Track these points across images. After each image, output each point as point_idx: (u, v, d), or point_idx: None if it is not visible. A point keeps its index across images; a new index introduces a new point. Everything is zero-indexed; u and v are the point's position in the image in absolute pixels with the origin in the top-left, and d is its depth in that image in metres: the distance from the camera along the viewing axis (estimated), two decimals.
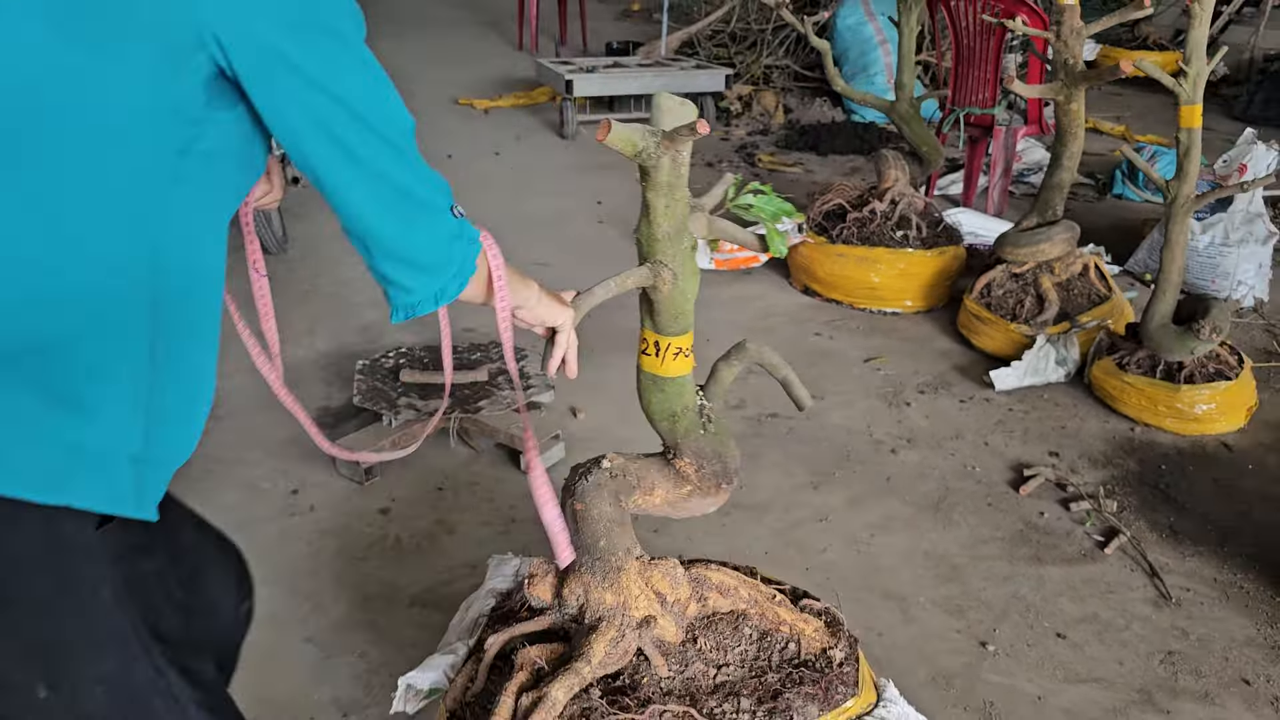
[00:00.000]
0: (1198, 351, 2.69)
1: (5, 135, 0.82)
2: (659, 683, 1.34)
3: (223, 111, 0.89)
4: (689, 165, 1.29)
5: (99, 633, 0.94)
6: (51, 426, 0.88)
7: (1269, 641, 2.06)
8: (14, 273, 0.84)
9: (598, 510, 1.40)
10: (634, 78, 5.78)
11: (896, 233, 3.56)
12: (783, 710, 1.30)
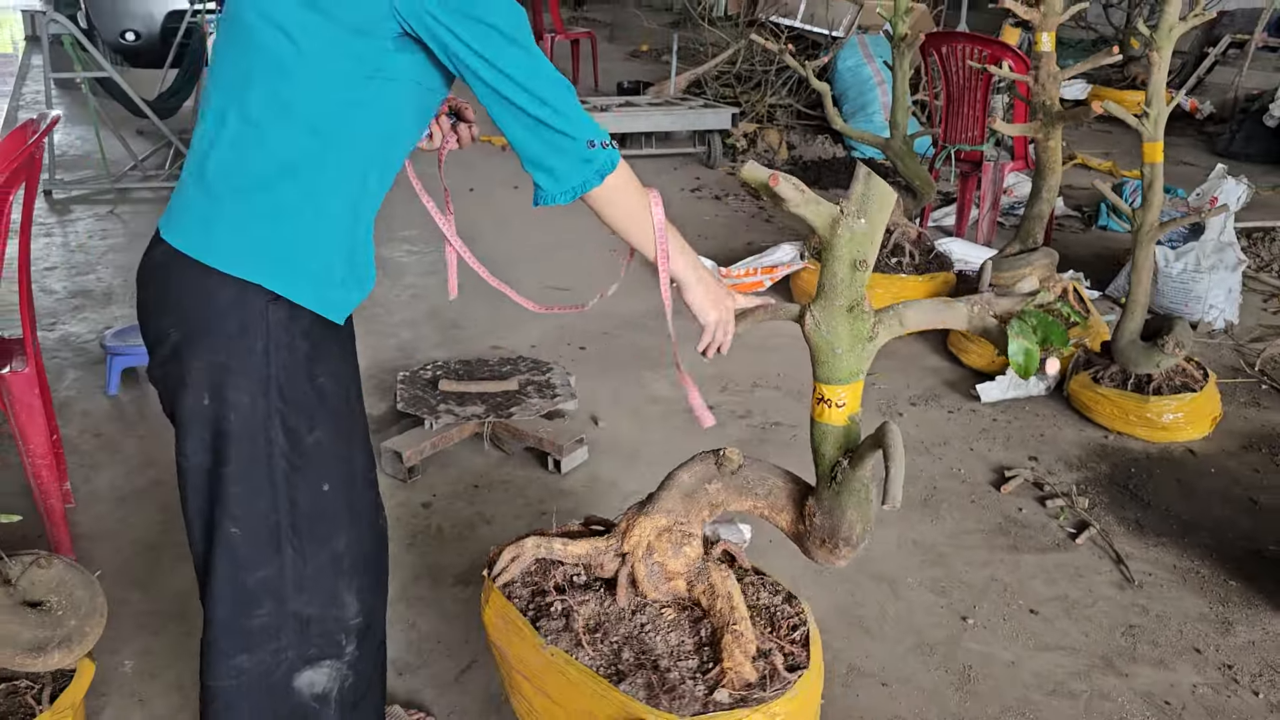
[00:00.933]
0: (1163, 365, 2.97)
1: (277, 61, 1.29)
2: (606, 609, 1.63)
3: (404, 55, 1.31)
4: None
5: (249, 370, 1.36)
6: (295, 241, 1.36)
7: (1220, 617, 2.31)
8: (282, 137, 1.32)
9: (679, 476, 1.68)
10: (645, 116, 6.10)
11: (891, 259, 3.84)
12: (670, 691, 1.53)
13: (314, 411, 1.42)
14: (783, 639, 1.61)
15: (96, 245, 4.67)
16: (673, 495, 1.74)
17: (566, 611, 1.62)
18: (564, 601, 1.63)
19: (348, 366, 1.55)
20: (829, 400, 1.55)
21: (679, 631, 1.61)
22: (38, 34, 11.23)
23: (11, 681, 1.78)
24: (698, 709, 1.46)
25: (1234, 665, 2.16)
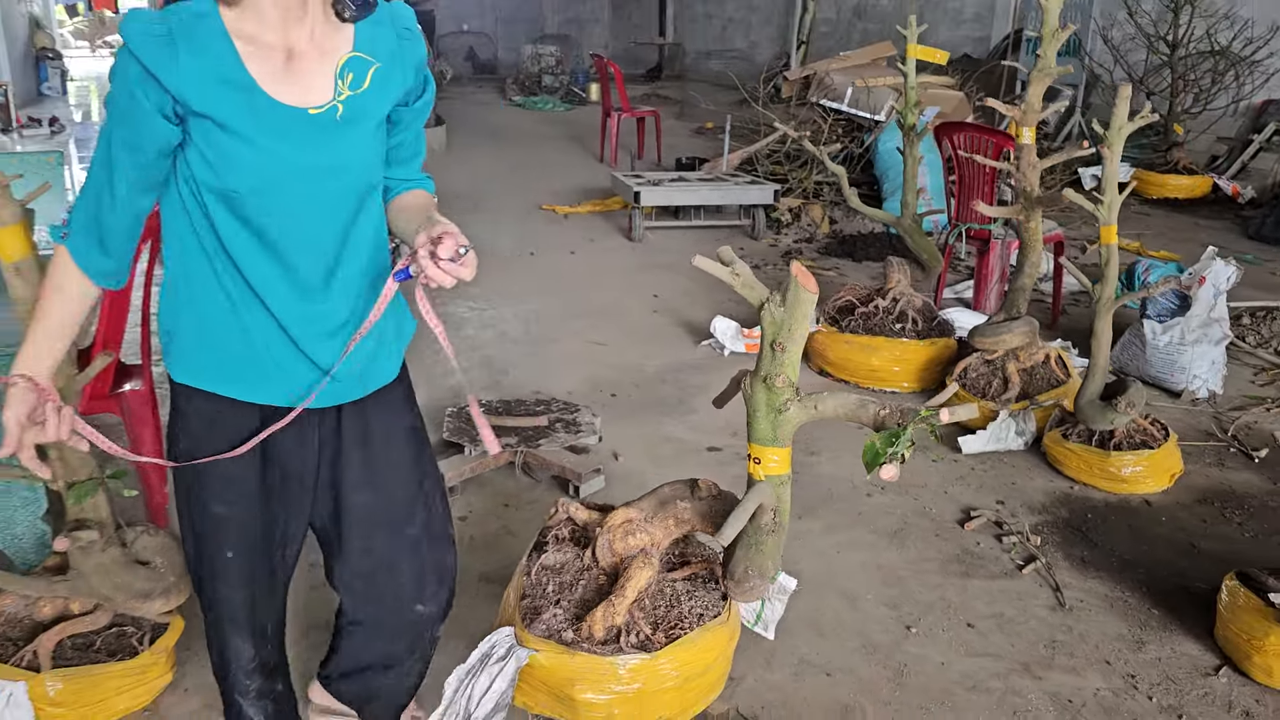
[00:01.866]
0: (1116, 423, 3.31)
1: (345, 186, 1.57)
2: (573, 559, 2.13)
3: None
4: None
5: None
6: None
7: (1135, 638, 2.65)
8: (355, 242, 1.60)
9: (662, 489, 2.15)
10: (693, 190, 6.62)
11: (896, 325, 4.24)
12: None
13: None
14: (655, 633, 2.01)
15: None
16: (650, 499, 2.18)
17: (557, 548, 2.09)
18: (558, 545, 2.09)
19: None
20: (751, 455, 1.98)
21: (593, 590, 2.05)
22: None
23: (120, 627, 2.28)
24: (541, 632, 1.98)
25: (1137, 675, 2.50)
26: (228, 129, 1.43)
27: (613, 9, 19.30)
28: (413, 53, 1.59)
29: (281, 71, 1.47)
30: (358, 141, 1.54)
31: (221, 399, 1.62)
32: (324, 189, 1.53)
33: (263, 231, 1.50)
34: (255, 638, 1.83)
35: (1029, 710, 2.37)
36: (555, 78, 14.31)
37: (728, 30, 18.00)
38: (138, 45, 1.37)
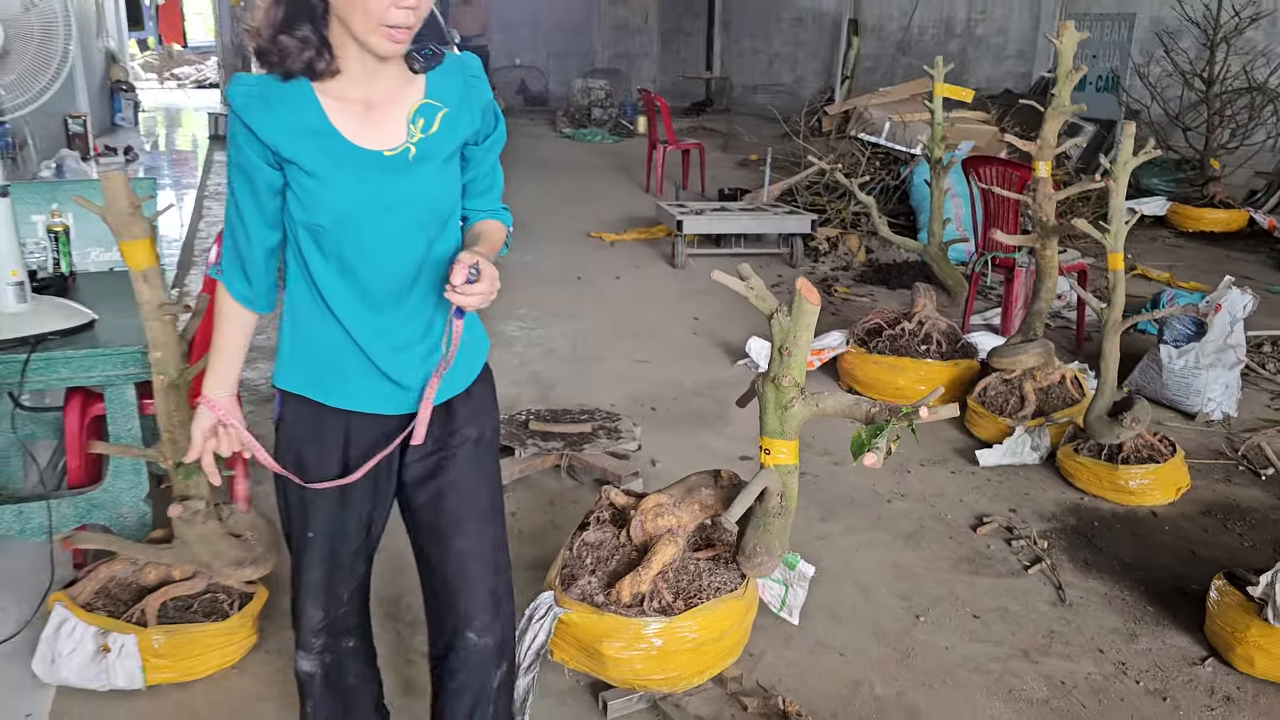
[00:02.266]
0: (1122, 437, 3.53)
1: (421, 215, 1.73)
2: (611, 536, 2.40)
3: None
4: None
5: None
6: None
7: (1129, 631, 2.86)
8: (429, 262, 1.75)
9: (690, 478, 2.43)
10: (734, 219, 6.92)
11: (921, 347, 4.48)
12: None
13: None
14: (676, 600, 2.28)
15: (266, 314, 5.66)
16: (679, 487, 2.46)
17: (598, 528, 2.37)
18: (599, 525, 2.37)
19: None
20: (762, 447, 2.25)
21: (625, 564, 2.33)
22: (220, 133, 12.87)
23: (214, 594, 2.59)
24: (576, 596, 2.28)
25: (1127, 663, 2.71)
26: (311, 172, 1.64)
27: (662, 44, 19.74)
28: (479, 97, 1.77)
29: (360, 120, 1.67)
30: (427, 179, 1.71)
31: (313, 403, 1.81)
32: (397, 221, 1.69)
33: (342, 258, 1.69)
34: (326, 605, 1.97)
35: (1023, 689, 2.60)
36: (604, 110, 14.72)
37: (774, 65, 18.36)
38: (239, 106, 1.62)
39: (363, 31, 1.58)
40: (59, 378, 2.62)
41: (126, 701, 2.43)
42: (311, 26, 1.60)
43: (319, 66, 1.61)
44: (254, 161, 1.65)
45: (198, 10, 28.61)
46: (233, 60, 16.74)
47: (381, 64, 1.66)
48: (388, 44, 1.59)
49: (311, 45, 1.60)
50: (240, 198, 1.69)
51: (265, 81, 1.64)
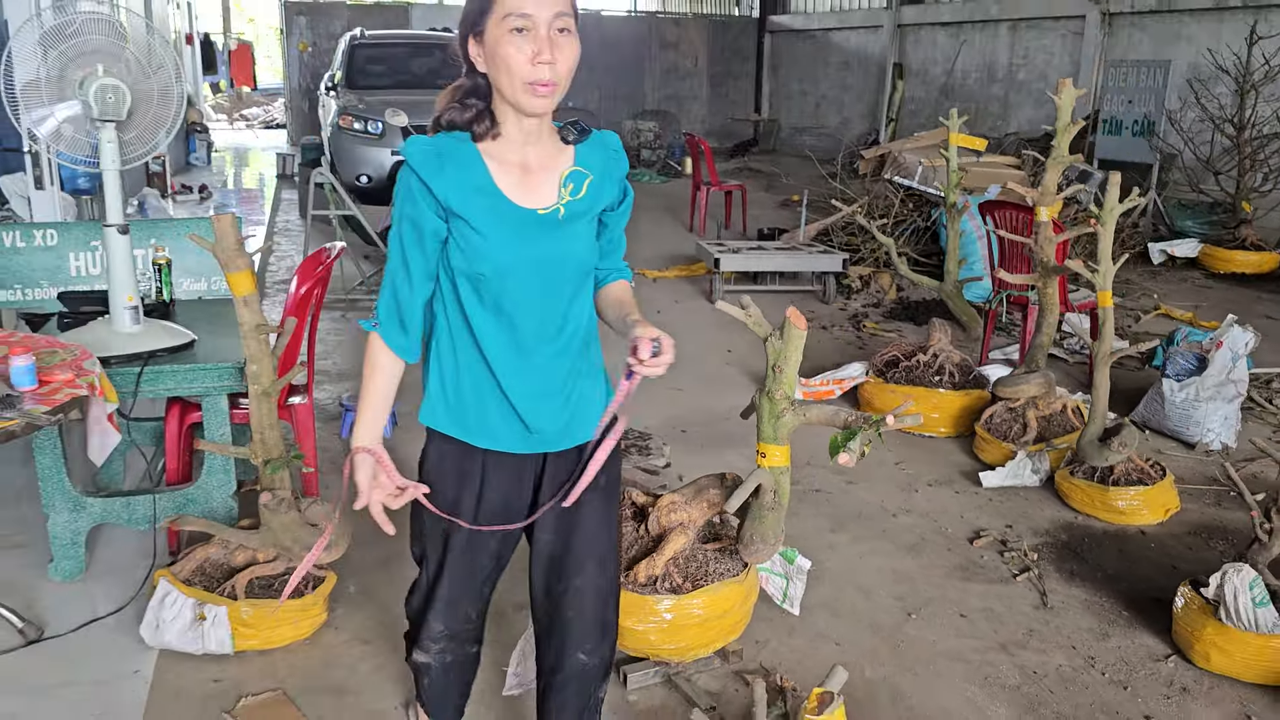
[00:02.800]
0: (1111, 460, 3.83)
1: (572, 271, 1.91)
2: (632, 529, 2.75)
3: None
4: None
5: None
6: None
7: (1102, 631, 3.16)
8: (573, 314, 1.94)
9: (700, 479, 2.79)
10: (769, 258, 7.30)
11: (935, 378, 4.81)
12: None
13: None
14: (684, 582, 2.64)
15: (332, 339, 6.15)
16: (690, 488, 2.83)
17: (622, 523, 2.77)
18: (622, 519, 2.76)
19: None
20: (759, 450, 2.61)
21: (642, 552, 2.72)
22: (287, 173, 13.56)
23: (290, 576, 3.00)
24: None
25: (1096, 658, 3.02)
26: (476, 227, 1.81)
27: (711, 86, 20.26)
28: (618, 169, 1.96)
29: (519, 182, 1.84)
30: (575, 236, 1.89)
31: (456, 441, 1.97)
32: (548, 273, 1.86)
33: (499, 305, 1.85)
34: (450, 621, 2.16)
35: (998, 676, 2.91)
36: (653, 151, 15.22)
37: (821, 107, 18.79)
38: (416, 163, 1.79)
39: (512, 92, 1.76)
40: (165, 388, 3.07)
41: (217, 664, 2.84)
42: (477, 98, 1.84)
43: (479, 129, 1.82)
44: (425, 214, 1.81)
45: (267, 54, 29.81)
46: (299, 102, 17.58)
47: (536, 130, 1.84)
48: (535, 100, 1.76)
49: (473, 109, 1.83)
50: (408, 249, 1.85)
51: (438, 142, 1.82)
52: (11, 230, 4.00)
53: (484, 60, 1.78)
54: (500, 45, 1.73)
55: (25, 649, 2.88)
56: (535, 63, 1.72)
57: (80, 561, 3.22)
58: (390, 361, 1.93)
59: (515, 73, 1.73)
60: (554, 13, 1.72)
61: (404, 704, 2.68)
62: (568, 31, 1.75)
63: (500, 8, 1.72)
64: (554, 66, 1.74)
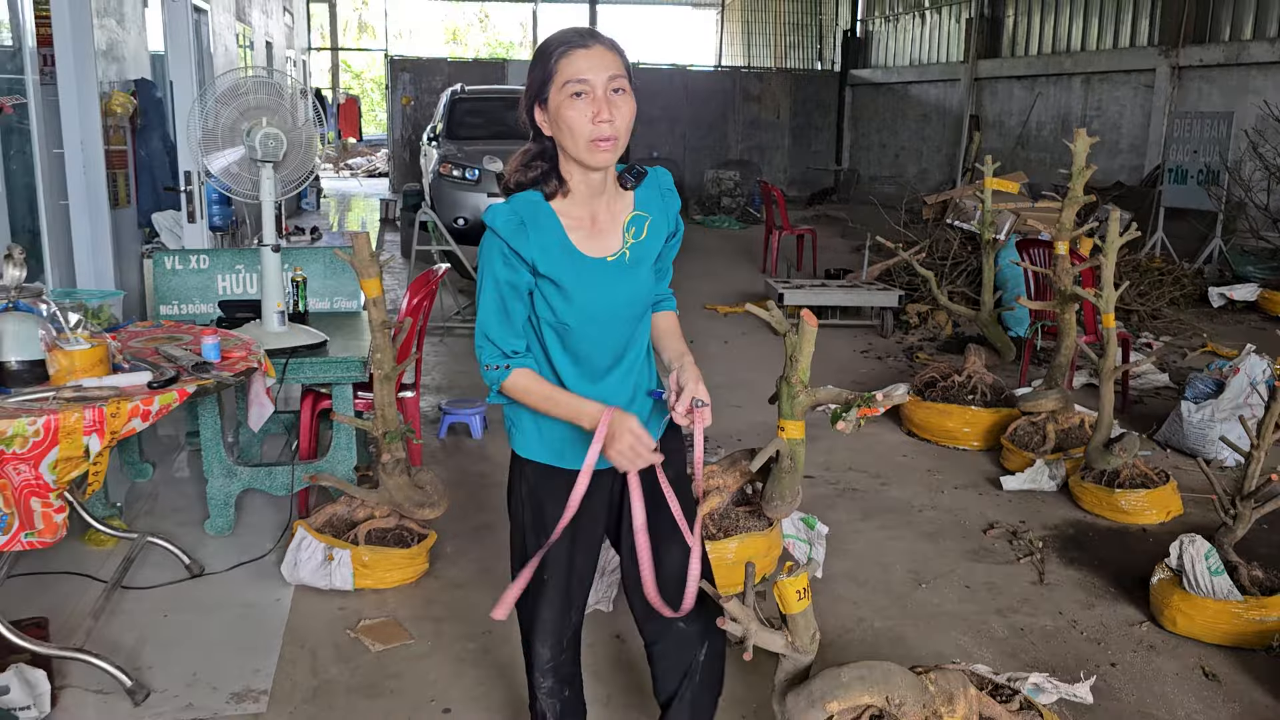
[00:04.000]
0: (1112, 464, 4.29)
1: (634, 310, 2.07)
2: None
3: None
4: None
5: None
6: None
7: (1089, 603, 3.64)
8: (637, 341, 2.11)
9: (735, 453, 3.38)
10: (830, 294, 7.88)
11: (968, 397, 5.32)
12: None
13: None
14: (718, 534, 3.21)
15: (431, 360, 6.90)
16: (726, 459, 3.42)
17: None
18: None
19: None
20: (779, 425, 3.19)
21: None
22: (388, 217, 14.57)
23: (401, 529, 3.66)
24: None
25: (1079, 621, 3.50)
26: (560, 285, 1.96)
27: (793, 137, 20.92)
28: (672, 205, 2.10)
29: (589, 235, 1.99)
30: (640, 277, 2.04)
31: (544, 466, 2.11)
32: (618, 313, 2.02)
33: (577, 347, 2.03)
34: (553, 647, 2.26)
35: (988, 631, 3.42)
36: (732, 199, 15.91)
37: (900, 158, 19.30)
38: (506, 233, 1.93)
39: (576, 150, 1.90)
40: (305, 376, 3.78)
41: (340, 597, 3.50)
42: (543, 160, 1.98)
43: (548, 189, 1.97)
44: (519, 275, 1.95)
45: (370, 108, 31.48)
46: (401, 152, 18.73)
47: (600, 183, 1.99)
48: (598, 155, 1.90)
49: (539, 169, 1.98)
50: (509, 303, 1.98)
51: (517, 208, 1.96)
52: (172, 256, 4.80)
53: (549, 125, 1.94)
54: (563, 109, 1.88)
55: (191, 580, 3.59)
56: (596, 122, 1.87)
57: (230, 520, 3.94)
58: (535, 375, 2.03)
59: (578, 133, 1.88)
60: (608, 75, 1.89)
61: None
62: (622, 91, 1.91)
63: (560, 76, 1.89)
64: (613, 123, 1.88)
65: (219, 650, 3.16)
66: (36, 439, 2.49)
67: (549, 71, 1.91)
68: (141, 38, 7.27)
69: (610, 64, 1.90)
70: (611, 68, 1.90)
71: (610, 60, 1.90)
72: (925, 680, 2.12)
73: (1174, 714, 2.97)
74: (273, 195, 3.76)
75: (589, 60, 1.89)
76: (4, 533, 2.54)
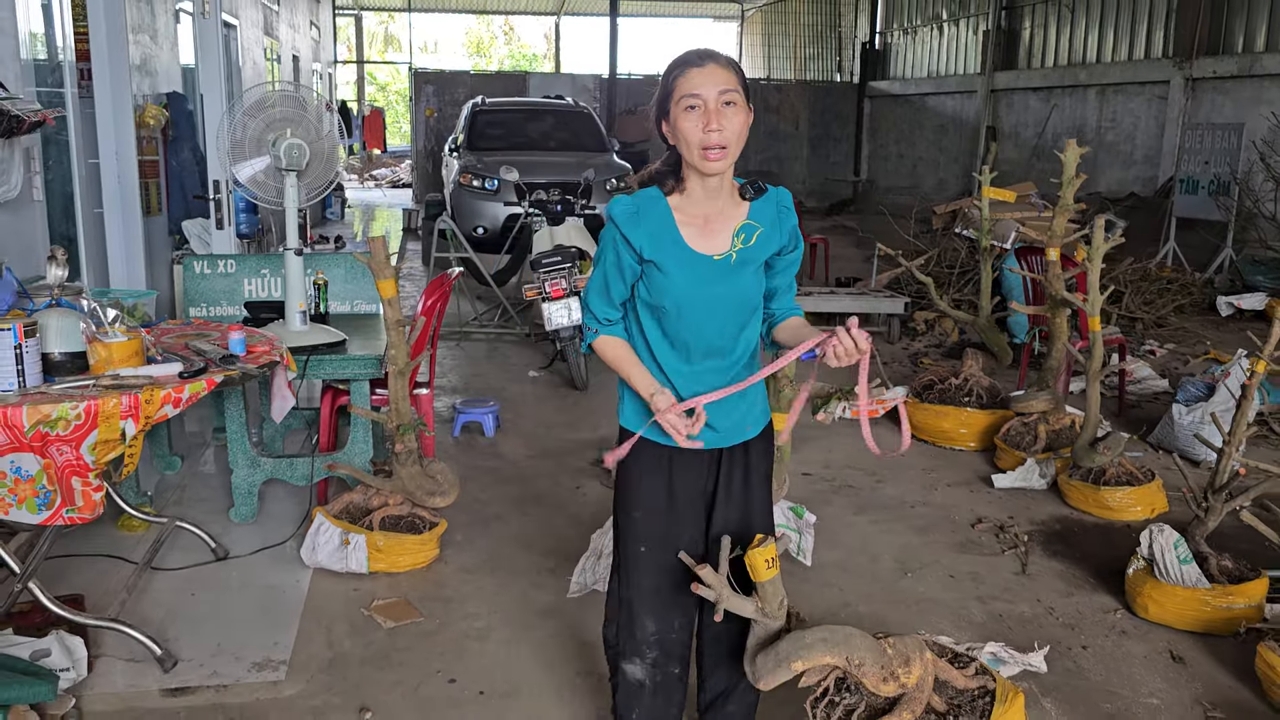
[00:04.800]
0: (1097, 461, 4.45)
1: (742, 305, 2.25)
2: None
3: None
4: None
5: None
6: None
7: (1066, 591, 3.80)
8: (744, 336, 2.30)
9: None
10: (837, 300, 8.05)
11: (964, 399, 5.49)
12: None
13: None
14: None
15: (448, 363, 7.13)
16: None
17: None
18: None
19: None
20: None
21: None
22: (411, 226, 14.86)
23: (413, 517, 3.87)
24: None
25: (1055, 608, 3.67)
26: (664, 270, 2.18)
27: (812, 148, 21.10)
28: (787, 222, 2.27)
29: (700, 232, 2.19)
30: (744, 279, 2.22)
31: (647, 441, 2.29)
32: (719, 308, 2.21)
33: (676, 332, 2.23)
34: (659, 620, 2.40)
35: (969, 616, 3.59)
36: None
37: (918, 168, 19.45)
38: (618, 220, 2.18)
39: (691, 157, 2.13)
40: (325, 372, 4.01)
41: (355, 579, 3.72)
42: (670, 166, 2.23)
43: (667, 187, 2.21)
44: (626, 258, 2.20)
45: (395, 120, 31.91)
46: (424, 163, 19.05)
47: (716, 187, 2.19)
48: (708, 163, 2.11)
49: (663, 171, 2.24)
50: (611, 278, 2.24)
51: (637, 200, 2.21)
52: (201, 261, 5.05)
53: (671, 136, 2.17)
54: (680, 121, 2.11)
55: (216, 563, 3.82)
56: (706, 131, 2.08)
57: (254, 508, 4.17)
58: (620, 341, 2.30)
59: (691, 141, 2.10)
60: (719, 90, 2.09)
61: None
62: (733, 104, 2.10)
63: (677, 93, 2.12)
64: (722, 132, 2.08)
65: (241, 625, 3.39)
66: (78, 422, 2.72)
67: (668, 89, 2.15)
68: (173, 53, 7.57)
69: (722, 80, 2.11)
70: (723, 83, 2.11)
71: (723, 76, 2.11)
72: (884, 644, 2.31)
73: (1137, 692, 3.14)
74: (296, 202, 4.00)
75: (702, 77, 2.10)
76: (48, 508, 2.77)
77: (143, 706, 2.93)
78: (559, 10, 28.68)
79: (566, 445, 5.39)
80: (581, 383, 6.40)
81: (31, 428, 2.69)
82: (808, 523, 3.76)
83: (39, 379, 2.88)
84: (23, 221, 4.51)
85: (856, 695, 2.35)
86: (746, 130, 2.15)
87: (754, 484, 2.42)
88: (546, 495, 4.65)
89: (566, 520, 4.35)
